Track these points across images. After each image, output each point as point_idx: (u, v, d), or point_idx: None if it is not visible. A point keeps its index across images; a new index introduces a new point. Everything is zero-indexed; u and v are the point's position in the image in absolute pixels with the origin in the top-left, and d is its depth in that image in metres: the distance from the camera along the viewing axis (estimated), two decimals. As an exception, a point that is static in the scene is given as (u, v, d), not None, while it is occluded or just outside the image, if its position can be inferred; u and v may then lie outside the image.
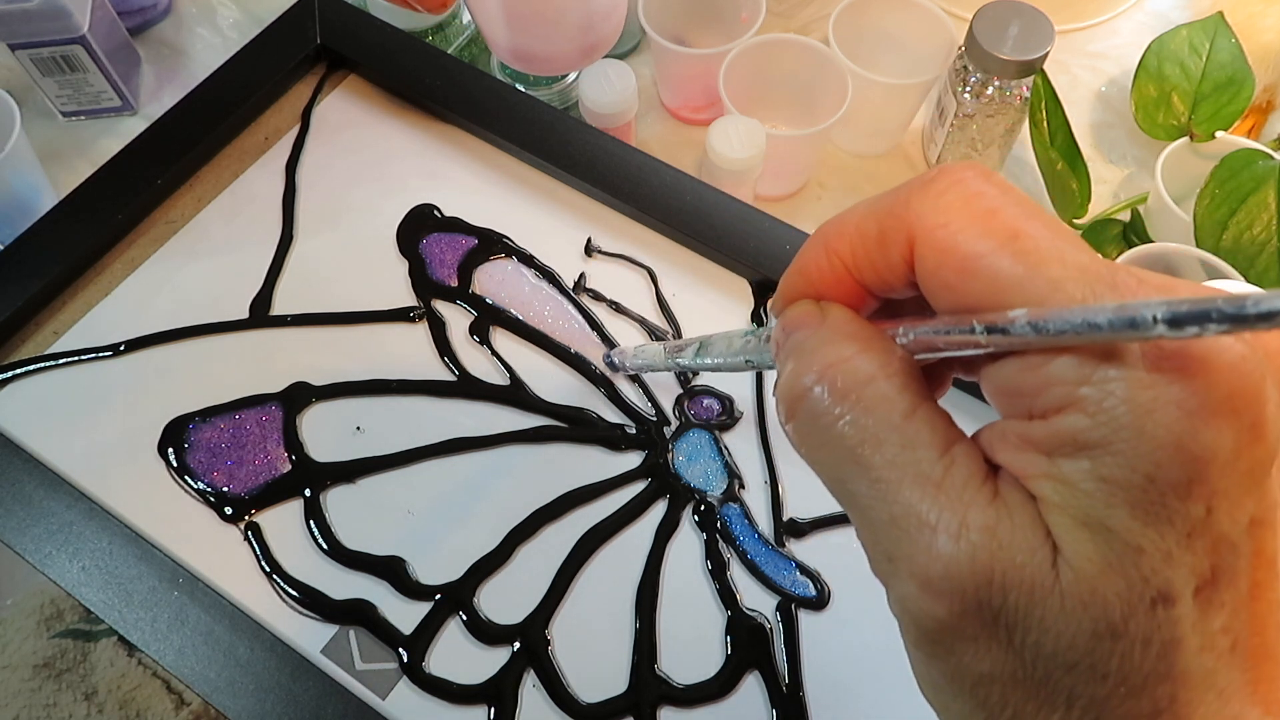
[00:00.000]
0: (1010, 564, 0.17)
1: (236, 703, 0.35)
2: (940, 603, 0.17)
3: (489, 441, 0.40)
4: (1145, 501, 0.16)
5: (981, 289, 0.18)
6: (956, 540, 0.17)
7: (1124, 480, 0.16)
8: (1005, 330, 0.17)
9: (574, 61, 0.52)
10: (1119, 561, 0.16)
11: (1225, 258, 0.49)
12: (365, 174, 0.47)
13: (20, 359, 0.41)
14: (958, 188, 0.18)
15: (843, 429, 0.19)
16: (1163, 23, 0.65)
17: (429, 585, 0.37)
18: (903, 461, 0.18)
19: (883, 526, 0.18)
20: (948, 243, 0.18)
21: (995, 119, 0.54)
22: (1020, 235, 0.17)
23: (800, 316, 0.21)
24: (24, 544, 0.37)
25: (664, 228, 0.45)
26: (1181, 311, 0.14)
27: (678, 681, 0.36)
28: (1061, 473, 0.17)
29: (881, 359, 0.19)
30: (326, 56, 0.49)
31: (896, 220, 0.19)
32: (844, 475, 0.19)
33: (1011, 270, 0.17)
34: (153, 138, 0.46)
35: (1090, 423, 0.16)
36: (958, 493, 0.18)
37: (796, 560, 0.38)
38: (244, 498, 0.38)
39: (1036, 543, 0.17)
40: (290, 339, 0.42)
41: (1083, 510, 0.17)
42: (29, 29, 0.54)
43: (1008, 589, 0.17)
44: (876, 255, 0.20)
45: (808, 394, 0.20)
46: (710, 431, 0.41)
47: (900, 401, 0.19)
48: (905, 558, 0.18)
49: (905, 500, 0.18)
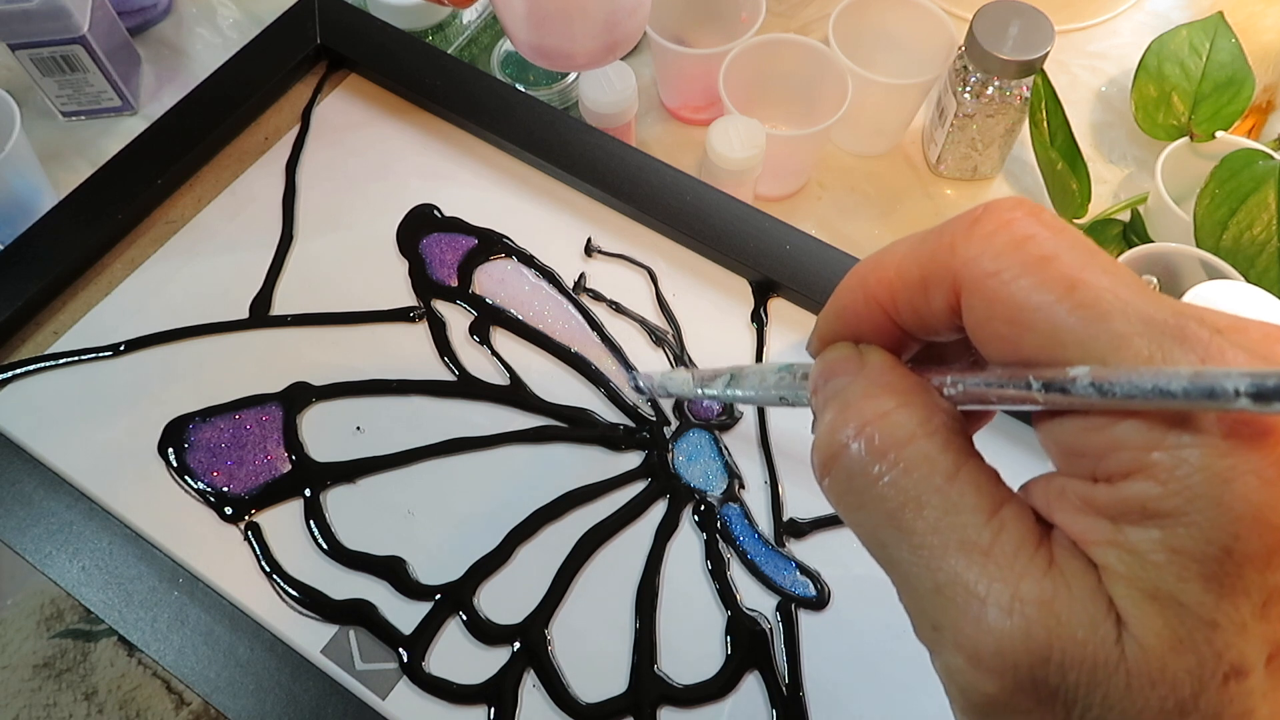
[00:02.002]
0: (1070, 640, 0.16)
1: (236, 703, 0.35)
2: (992, 679, 0.17)
3: (489, 441, 0.40)
4: (1221, 574, 0.15)
5: (1037, 342, 0.17)
6: (1009, 614, 0.16)
7: (1199, 552, 0.15)
8: (1065, 389, 0.16)
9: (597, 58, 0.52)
10: (1190, 637, 0.15)
11: (1225, 258, 0.49)
12: (365, 174, 0.47)
13: (20, 359, 0.41)
14: (1006, 230, 0.17)
15: (882, 490, 0.18)
16: (1163, 23, 0.65)
17: (429, 585, 0.37)
18: (947, 527, 0.17)
19: (927, 595, 0.17)
20: (1000, 293, 0.17)
21: (995, 119, 0.54)
22: (1079, 285, 0.16)
23: (837, 362, 0.20)
24: (24, 544, 0.37)
25: (664, 228, 0.45)
26: (1269, 386, 0.14)
27: (678, 681, 0.36)
28: (1129, 542, 0.16)
29: (923, 414, 0.18)
30: (326, 56, 0.49)
31: (941, 265, 0.18)
32: (884, 539, 0.18)
33: (1071, 324, 0.16)
34: (153, 138, 0.46)
35: (1162, 491, 0.15)
36: (1009, 561, 0.17)
37: (796, 560, 0.38)
38: (244, 498, 0.38)
39: (1099, 617, 0.16)
40: (290, 339, 0.42)
41: (1152, 583, 0.16)
42: (29, 29, 0.54)
43: (1067, 667, 0.16)
44: (919, 300, 0.19)
45: (844, 451, 0.19)
46: (710, 431, 0.41)
47: (943, 461, 0.18)
48: (952, 628, 0.17)
49: (951, 569, 0.17)
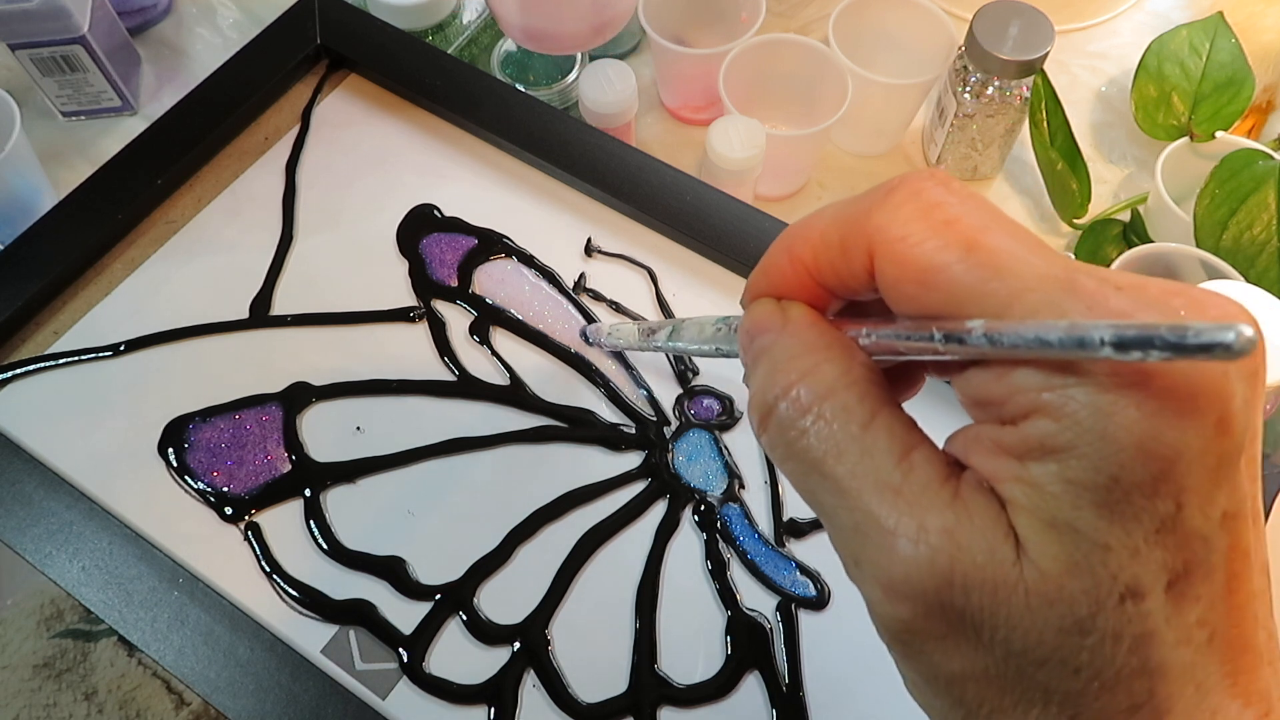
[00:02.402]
0: (971, 564, 0.17)
1: (236, 703, 0.35)
2: (903, 605, 0.18)
3: (489, 441, 0.40)
4: (1111, 501, 0.16)
5: (942, 299, 0.18)
6: (915, 544, 0.18)
7: (1090, 482, 0.16)
8: (962, 340, 0.18)
9: (586, 40, 0.52)
10: (1085, 559, 0.17)
11: (1225, 258, 0.49)
12: (365, 174, 0.47)
13: (20, 359, 0.41)
14: (916, 198, 0.19)
15: (808, 442, 0.19)
16: (1163, 23, 0.65)
17: (429, 585, 0.37)
18: (862, 470, 0.19)
19: (848, 533, 0.19)
20: (906, 255, 0.18)
21: (995, 119, 0.54)
22: (978, 246, 0.18)
23: (763, 318, 0.22)
24: (24, 544, 0.37)
25: (664, 228, 0.45)
26: (1127, 336, 0.15)
27: (678, 681, 0.36)
28: (1030, 476, 0.17)
29: (841, 367, 0.20)
30: (326, 56, 0.49)
31: (858, 230, 0.19)
32: (812, 485, 0.20)
33: (970, 281, 0.18)
34: (153, 138, 0.46)
35: (1056, 427, 0.17)
36: (917, 497, 0.18)
37: (796, 560, 0.38)
38: (244, 498, 0.38)
39: (997, 542, 0.17)
40: (290, 339, 0.42)
41: (1049, 512, 0.17)
42: (29, 29, 0.54)
43: (969, 589, 0.17)
44: (839, 263, 0.20)
45: (774, 409, 0.20)
46: (710, 431, 0.41)
47: (859, 411, 0.19)
48: (869, 562, 0.18)
49: (866, 507, 0.18)
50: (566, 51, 0.54)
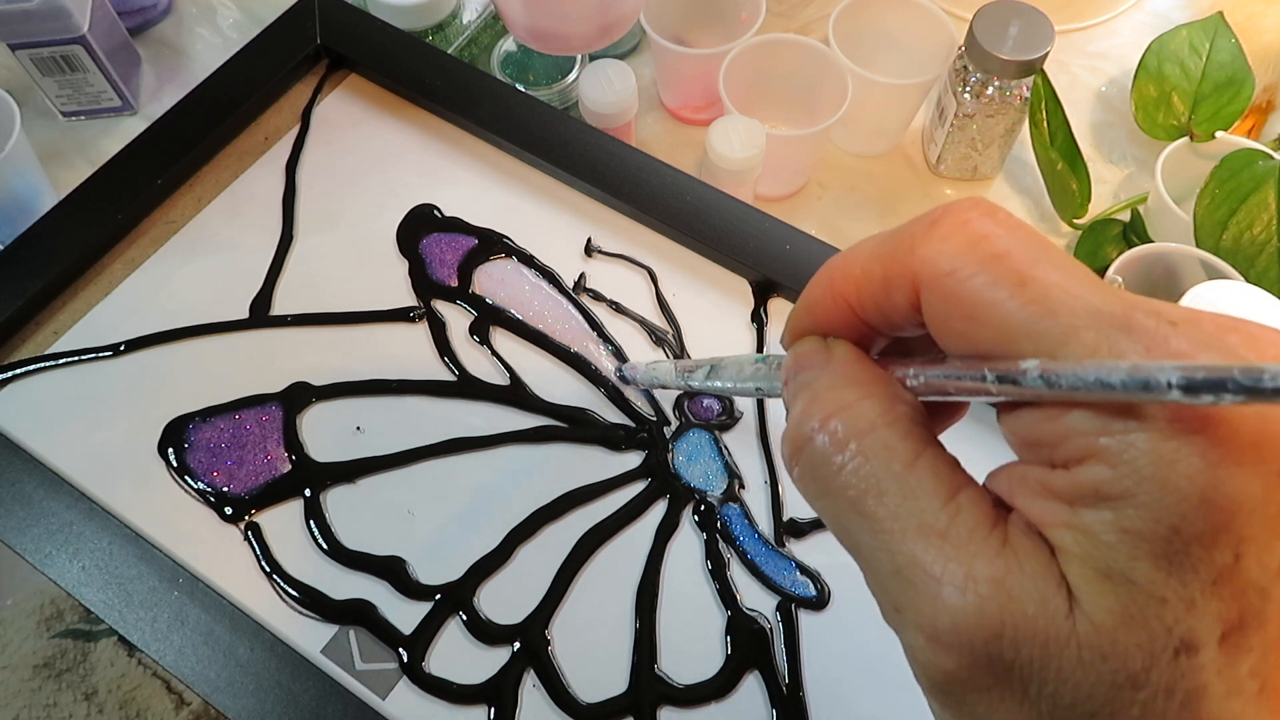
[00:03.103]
0: (1021, 616, 0.17)
1: (236, 703, 0.35)
2: (949, 656, 0.17)
3: (489, 441, 0.40)
4: (1169, 552, 0.16)
5: (992, 336, 0.17)
6: (963, 592, 0.17)
7: (1148, 532, 0.16)
8: (1017, 381, 0.17)
9: (592, 40, 0.51)
10: (1141, 613, 0.16)
11: (1225, 258, 0.49)
12: (365, 174, 0.47)
13: (20, 359, 0.41)
14: (963, 230, 0.18)
15: (845, 478, 0.19)
16: (1163, 23, 0.65)
17: (429, 585, 0.37)
18: (905, 511, 0.18)
19: (888, 577, 0.18)
20: (955, 290, 0.18)
21: (995, 119, 0.54)
22: (1030, 281, 0.17)
23: (806, 355, 0.21)
24: (24, 544, 0.37)
25: (664, 228, 0.45)
26: (1197, 380, 0.14)
27: (678, 681, 0.36)
28: (1083, 523, 0.16)
29: (884, 405, 0.19)
30: (326, 56, 0.49)
31: (901, 265, 0.19)
32: (848, 525, 0.19)
33: (1022, 318, 0.17)
34: (153, 138, 0.46)
35: (1112, 474, 0.16)
36: (963, 542, 0.17)
37: (796, 560, 0.38)
38: (244, 498, 0.38)
39: (1049, 593, 0.17)
40: (290, 339, 0.42)
41: (1104, 561, 0.16)
42: (29, 29, 0.54)
43: (1020, 642, 0.17)
44: (882, 298, 0.20)
45: (810, 442, 0.19)
46: (710, 431, 0.41)
47: (902, 449, 0.18)
48: (912, 609, 0.18)
49: (909, 551, 0.18)
50: (574, 52, 0.54)
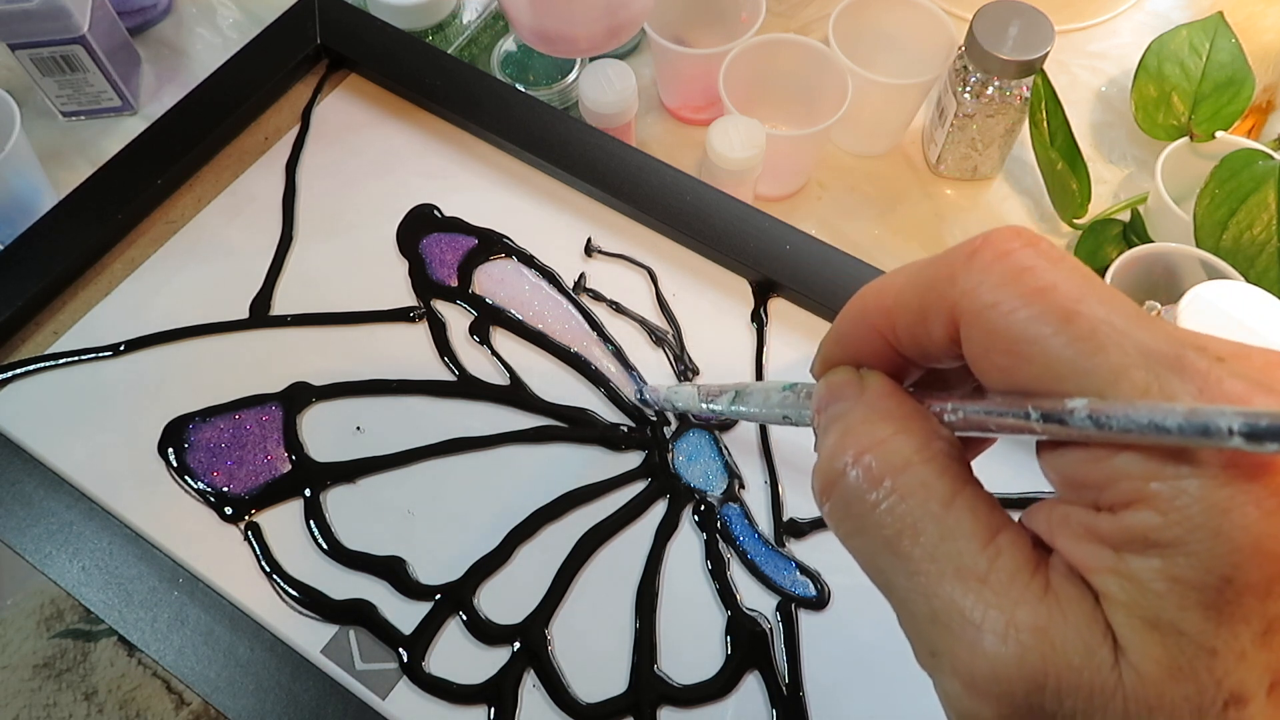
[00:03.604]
0: (1066, 667, 0.16)
1: (236, 703, 0.35)
2: (988, 705, 0.17)
3: (489, 441, 0.40)
4: (1220, 603, 0.15)
5: (1036, 373, 0.17)
6: (1004, 641, 0.16)
7: (1198, 581, 0.15)
8: (1063, 421, 0.16)
9: (600, 43, 0.51)
10: (1190, 665, 0.16)
11: (1225, 258, 0.49)
12: (365, 174, 0.47)
13: (20, 359, 0.41)
14: (1004, 261, 0.17)
15: (879, 517, 0.18)
16: (1163, 23, 0.65)
17: (429, 585, 0.37)
18: (943, 554, 0.17)
19: (924, 621, 0.18)
20: (998, 325, 0.17)
21: (995, 119, 0.54)
22: (1076, 317, 0.16)
23: (839, 386, 0.21)
24: (24, 544, 0.37)
25: (664, 228, 0.45)
26: (1261, 427, 0.14)
27: (678, 681, 0.36)
28: (1130, 570, 0.16)
29: (920, 440, 0.18)
30: (326, 56, 0.49)
31: (939, 296, 0.18)
32: (881, 565, 0.18)
33: (1068, 356, 0.16)
34: (153, 138, 0.46)
35: (1162, 521, 0.16)
36: (1004, 588, 0.17)
37: (796, 560, 0.38)
38: (244, 498, 0.38)
39: (1095, 643, 0.16)
40: (290, 339, 0.42)
41: (1153, 611, 0.16)
42: (29, 29, 0.54)
43: (1063, 694, 0.16)
44: (918, 329, 0.19)
45: (842, 477, 0.19)
46: (710, 431, 0.41)
47: (939, 487, 0.18)
48: (949, 654, 0.17)
49: (947, 595, 0.17)
50: (581, 55, 0.54)
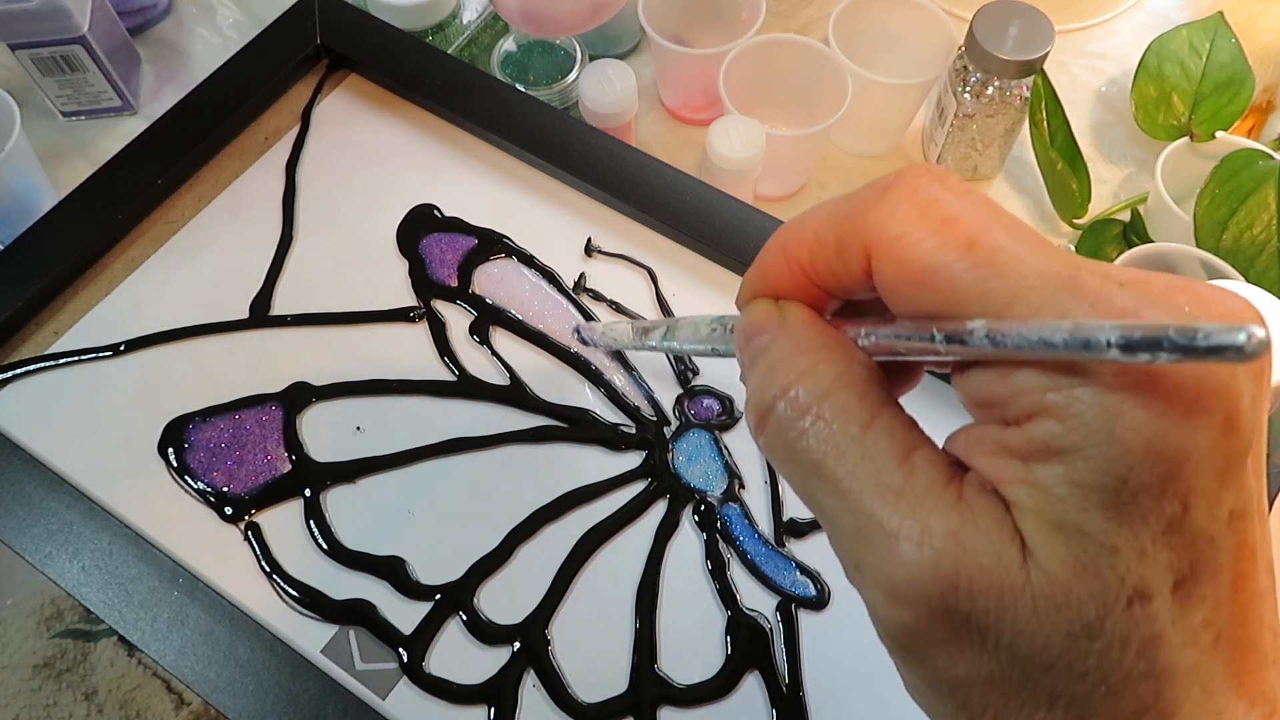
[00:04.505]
0: (976, 568, 0.17)
1: (236, 703, 0.35)
2: (907, 609, 0.18)
3: (489, 441, 0.40)
4: (1119, 503, 0.16)
5: (941, 299, 0.18)
6: (919, 547, 0.17)
7: (1097, 483, 0.16)
8: (964, 341, 0.17)
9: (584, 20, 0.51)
10: (1093, 563, 0.16)
11: (1225, 258, 0.49)
12: (365, 174, 0.47)
13: (20, 359, 0.41)
14: (913, 196, 0.18)
15: (807, 443, 0.19)
16: (1163, 23, 0.65)
17: (429, 585, 0.37)
18: (863, 472, 0.18)
19: (849, 536, 0.19)
20: (905, 255, 0.18)
21: (995, 119, 0.54)
22: (977, 244, 0.17)
23: (759, 319, 0.21)
24: (24, 544, 0.37)
25: (664, 228, 0.45)
26: (1134, 339, 0.15)
27: (678, 681, 0.36)
28: (1035, 478, 0.17)
29: (840, 368, 0.19)
30: (326, 56, 0.49)
31: (853, 229, 0.19)
32: (811, 488, 0.19)
33: (970, 280, 0.17)
34: (153, 138, 0.46)
35: (1062, 429, 0.16)
36: (919, 499, 0.18)
37: (796, 560, 0.38)
38: (244, 498, 0.38)
39: (1003, 545, 0.17)
40: (290, 339, 0.42)
41: (1056, 514, 0.17)
42: (29, 29, 0.54)
43: (975, 594, 0.17)
44: (835, 262, 0.20)
45: (772, 410, 0.20)
46: (710, 431, 0.41)
47: (859, 412, 0.19)
48: (871, 566, 0.18)
49: (868, 510, 0.18)
50: (565, 34, 0.54)
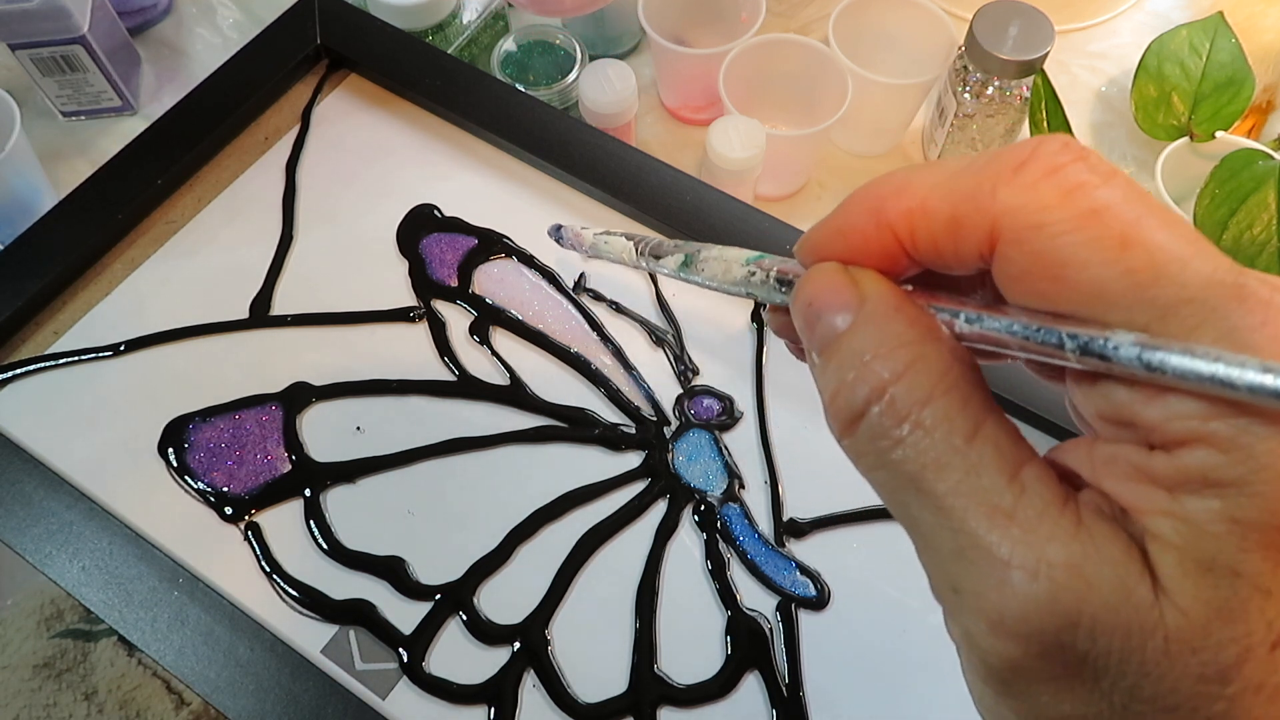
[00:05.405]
0: (1102, 605, 0.15)
1: (236, 703, 0.35)
2: (1016, 644, 0.16)
3: (489, 441, 0.40)
4: None
5: (1081, 300, 0.16)
6: (1034, 578, 0.16)
7: (1261, 522, 0.15)
8: (1104, 355, 0.15)
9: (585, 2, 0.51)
10: (1242, 607, 0.15)
11: (1225, 258, 0.49)
12: (365, 174, 0.47)
13: (20, 359, 0.41)
14: (1055, 176, 0.16)
15: (903, 453, 0.17)
16: (1163, 23, 0.65)
17: (429, 585, 0.37)
18: (968, 489, 0.16)
19: (948, 557, 0.17)
20: (1045, 248, 0.16)
21: (995, 119, 0.54)
22: (1133, 243, 0.15)
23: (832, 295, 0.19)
24: (24, 544, 0.37)
25: (664, 228, 0.45)
26: None
27: (678, 681, 0.36)
28: (1185, 511, 0.15)
29: (940, 368, 0.17)
30: (326, 56, 0.49)
31: (978, 209, 0.17)
32: (905, 500, 0.17)
33: (1122, 286, 0.15)
34: (153, 138, 0.46)
35: (1224, 460, 0.15)
36: (1033, 524, 0.16)
37: (796, 560, 0.38)
38: (244, 498, 0.38)
39: (1132, 581, 0.15)
40: (290, 339, 0.42)
41: (1209, 553, 0.15)
42: (29, 29, 0.54)
43: (1098, 633, 0.15)
44: (944, 239, 0.17)
45: (863, 416, 0.18)
46: (710, 431, 0.41)
47: (962, 420, 0.17)
48: (974, 593, 0.16)
49: (973, 532, 0.16)
50: (567, 14, 0.54)
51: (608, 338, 0.43)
